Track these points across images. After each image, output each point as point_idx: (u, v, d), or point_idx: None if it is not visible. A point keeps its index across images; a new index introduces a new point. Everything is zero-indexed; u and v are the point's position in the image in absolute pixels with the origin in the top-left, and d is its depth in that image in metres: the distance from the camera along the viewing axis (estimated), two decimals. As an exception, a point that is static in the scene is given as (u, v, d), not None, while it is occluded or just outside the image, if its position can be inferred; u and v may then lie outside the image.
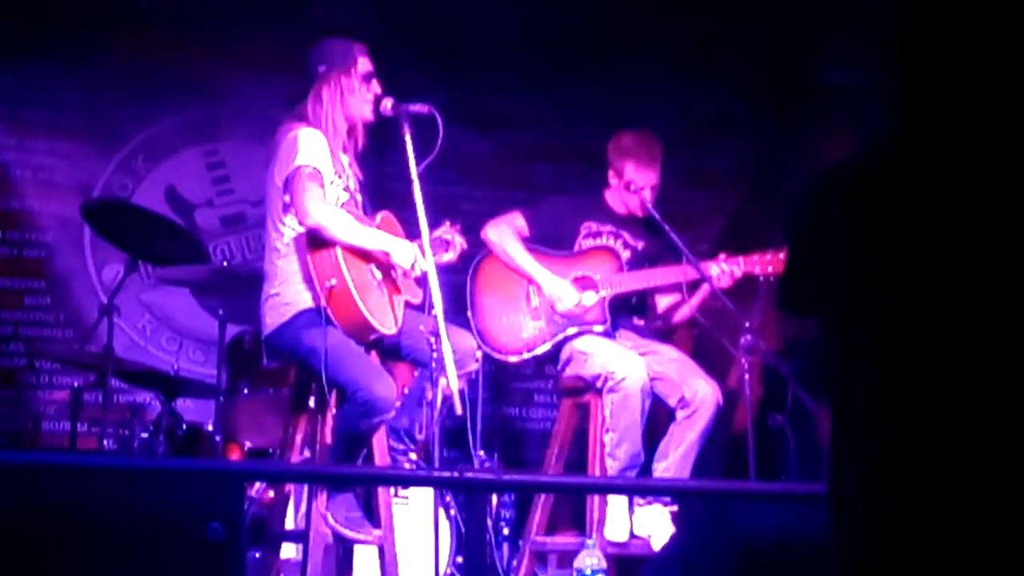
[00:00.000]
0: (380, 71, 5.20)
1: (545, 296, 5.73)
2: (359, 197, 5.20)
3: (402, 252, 5.01)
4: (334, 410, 5.05)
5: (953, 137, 2.31)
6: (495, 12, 7.60)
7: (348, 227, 4.93)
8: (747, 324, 5.50)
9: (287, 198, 4.95)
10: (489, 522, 5.67)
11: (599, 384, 5.52)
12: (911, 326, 2.28)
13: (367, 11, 6.94)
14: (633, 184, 5.81)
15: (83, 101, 7.52)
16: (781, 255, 5.54)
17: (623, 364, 5.48)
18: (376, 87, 5.15)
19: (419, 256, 4.98)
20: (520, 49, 7.74)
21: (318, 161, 4.94)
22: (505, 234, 5.85)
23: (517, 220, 5.90)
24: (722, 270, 5.65)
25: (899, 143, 2.39)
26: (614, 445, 5.48)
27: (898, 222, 2.32)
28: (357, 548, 5.38)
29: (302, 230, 4.92)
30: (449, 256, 5.28)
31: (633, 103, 7.69)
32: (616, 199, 5.94)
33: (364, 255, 4.99)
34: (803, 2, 7.22)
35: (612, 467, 5.47)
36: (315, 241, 4.89)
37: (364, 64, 5.15)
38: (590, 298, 5.72)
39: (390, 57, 5.41)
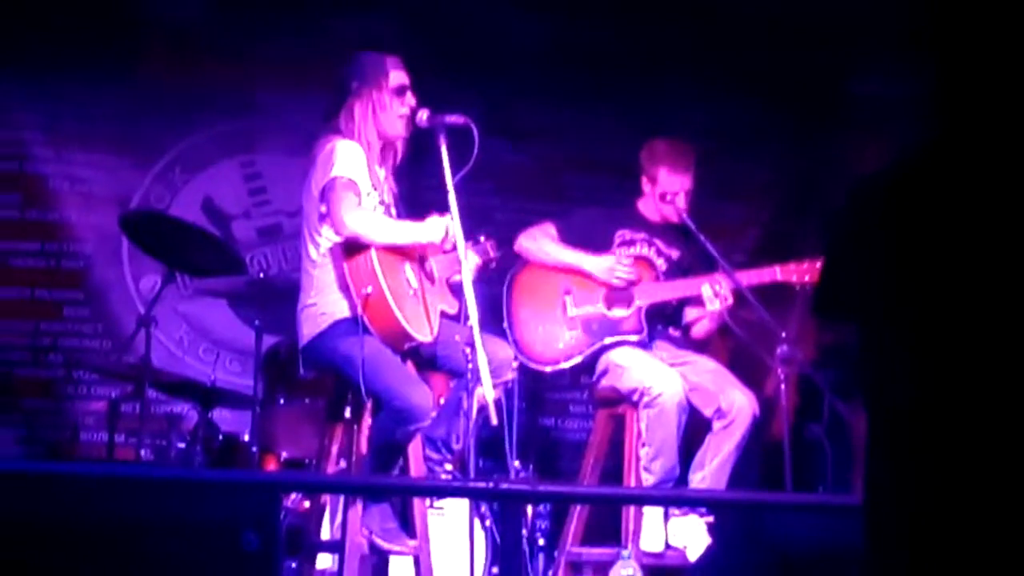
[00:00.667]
0: (414, 83, 5.21)
1: (596, 276, 5.73)
2: (394, 211, 5.22)
3: (434, 229, 5.02)
4: (370, 420, 5.06)
5: (985, 145, 2.31)
6: (529, 25, 7.61)
7: (383, 227, 4.97)
8: (783, 334, 5.49)
9: (323, 208, 4.98)
10: (524, 532, 5.67)
11: (635, 398, 5.52)
12: (947, 334, 2.28)
13: (402, 24, 6.96)
14: (667, 191, 5.81)
15: (120, 113, 7.55)
16: (817, 264, 5.52)
17: (659, 379, 5.47)
18: (411, 100, 5.15)
19: (451, 228, 4.98)
20: (553, 61, 7.75)
21: (354, 172, 4.96)
22: (540, 238, 5.87)
23: (550, 229, 5.91)
24: (715, 291, 5.62)
25: (932, 151, 2.39)
26: (650, 459, 5.47)
27: (932, 230, 2.32)
28: (393, 559, 5.38)
29: (338, 240, 4.94)
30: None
31: (665, 115, 7.68)
32: (649, 207, 5.94)
33: (400, 262, 5.01)
34: (834, 12, 7.20)
35: (648, 481, 5.47)
36: (351, 249, 4.91)
37: (396, 77, 5.16)
38: (624, 308, 5.72)
39: (424, 69, 5.42)
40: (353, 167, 4.97)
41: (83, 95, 7.51)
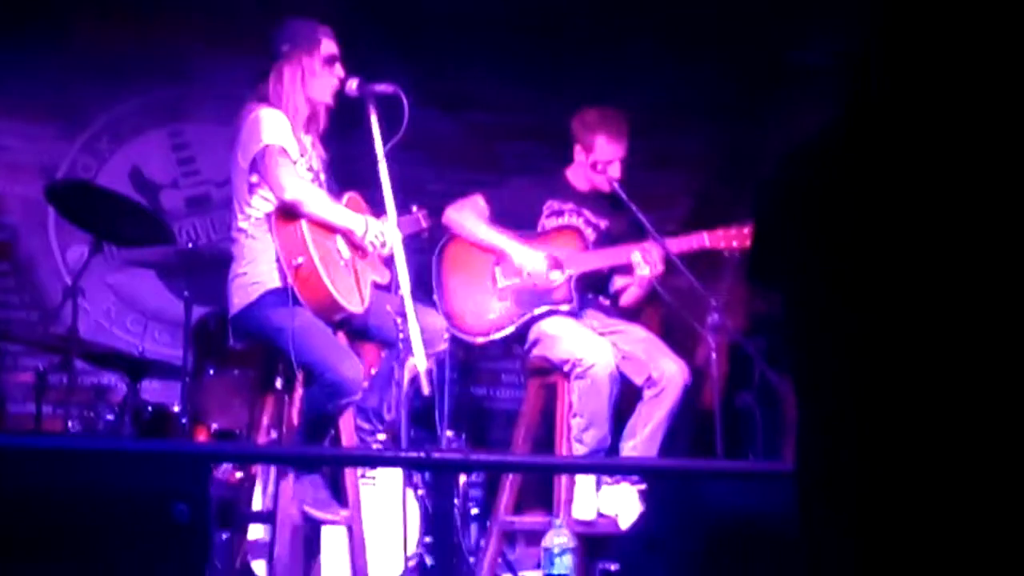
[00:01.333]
0: (346, 50, 5.18)
1: (515, 266, 5.73)
2: (323, 177, 5.20)
3: (362, 228, 5.02)
4: (301, 391, 5.05)
5: (913, 107, 2.32)
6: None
7: (320, 201, 4.96)
8: (713, 302, 5.50)
9: (254, 178, 4.95)
10: (457, 502, 5.67)
11: (566, 368, 5.52)
12: (874, 300, 2.29)
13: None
14: (600, 160, 5.82)
15: (47, 82, 7.45)
16: (746, 230, 5.54)
17: (591, 350, 5.48)
18: (339, 71, 5.14)
19: (382, 231, 4.98)
20: (487, 28, 7.72)
21: (282, 139, 4.94)
22: (467, 214, 5.86)
23: (478, 202, 5.91)
24: (645, 258, 5.64)
25: (863, 114, 2.40)
26: (581, 430, 5.48)
27: (862, 193, 2.32)
28: (325, 528, 5.37)
29: (269, 209, 4.93)
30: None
31: (600, 83, 7.67)
32: (579, 176, 5.95)
33: (330, 232, 4.99)
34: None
35: (579, 451, 5.48)
36: (282, 220, 4.88)
37: (328, 46, 5.14)
38: (556, 277, 5.73)
39: (356, 37, 5.40)
40: (280, 134, 4.95)
41: (9, 63, 7.41)
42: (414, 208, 5.43)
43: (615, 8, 7.66)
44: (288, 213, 4.88)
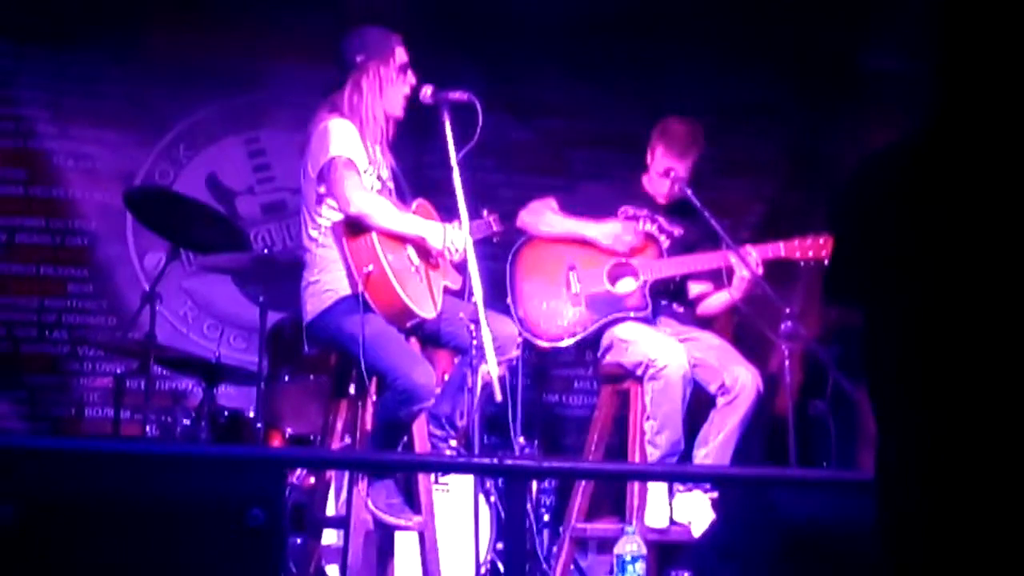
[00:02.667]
0: (418, 59, 5.21)
1: (601, 242, 5.72)
2: (391, 186, 5.22)
3: (437, 235, 5.03)
4: (374, 397, 5.07)
5: (993, 125, 2.30)
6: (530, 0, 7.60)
7: (388, 213, 4.97)
8: (787, 310, 5.48)
9: (322, 189, 4.99)
10: (529, 508, 5.68)
11: (639, 372, 5.51)
12: (952, 317, 2.27)
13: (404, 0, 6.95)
14: (674, 169, 5.81)
15: (125, 89, 7.55)
16: (821, 240, 5.53)
17: (664, 352, 5.47)
18: (411, 78, 5.16)
19: (455, 238, 4.99)
20: (558, 36, 7.72)
21: (351, 150, 4.96)
22: (541, 211, 5.87)
23: (551, 203, 5.91)
24: (759, 256, 5.63)
25: (940, 132, 2.38)
26: (655, 433, 5.47)
27: (938, 212, 2.31)
28: (398, 534, 5.40)
29: (338, 218, 4.95)
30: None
31: (671, 90, 7.66)
32: (654, 183, 5.94)
33: (401, 240, 5.01)
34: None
35: (653, 454, 5.47)
36: (352, 228, 4.91)
37: (400, 55, 5.17)
38: (629, 284, 5.73)
39: (428, 45, 5.42)
40: (349, 145, 4.97)
41: (88, 71, 7.52)
42: (485, 212, 5.43)
43: (685, 13, 7.64)
44: (359, 223, 4.91)
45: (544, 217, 5.86)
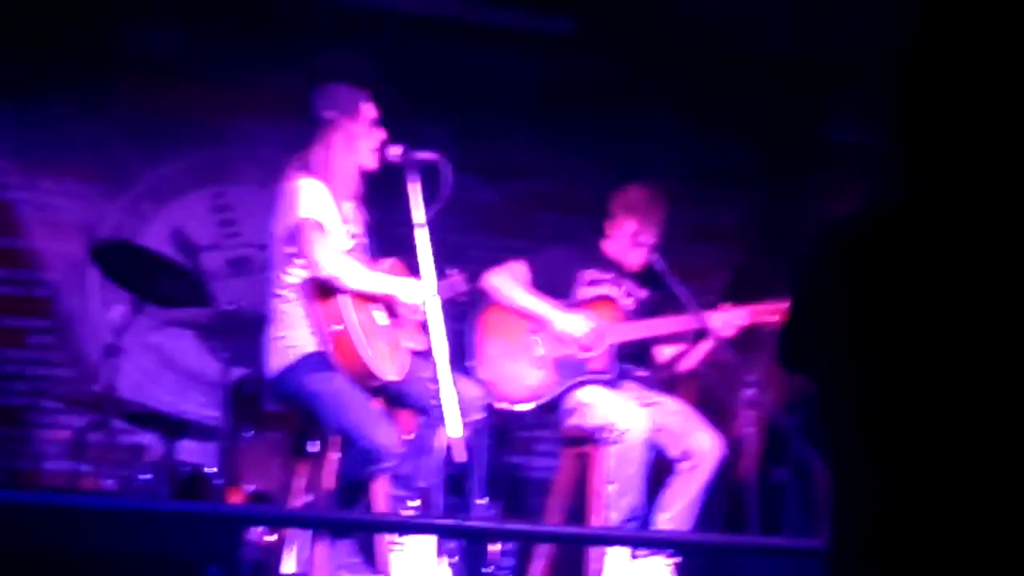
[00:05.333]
0: (389, 119, 5.22)
1: (556, 332, 5.73)
2: (365, 240, 5.22)
3: (410, 291, 5.03)
4: (336, 455, 5.05)
5: (957, 200, 2.32)
6: (502, 63, 7.65)
7: (358, 275, 4.97)
8: (750, 377, 5.50)
9: (291, 249, 4.98)
10: (489, 570, 5.65)
11: (601, 436, 5.51)
12: (906, 388, 2.28)
13: (375, 59, 6.98)
14: (639, 235, 5.83)
15: (91, 141, 7.53)
16: (784, 306, 5.54)
17: (626, 416, 5.48)
18: (380, 133, 5.18)
19: (427, 294, 4.99)
20: (527, 100, 7.78)
21: (320, 212, 4.96)
22: (507, 280, 5.87)
23: (519, 268, 5.91)
24: (725, 320, 5.66)
25: (902, 202, 2.40)
26: (616, 496, 5.47)
27: (896, 283, 2.32)
28: (356, 594, 5.36)
29: (306, 275, 4.94)
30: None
31: (639, 155, 7.72)
32: (621, 252, 5.95)
33: (369, 300, 5.01)
34: (812, 57, 7.25)
35: (613, 519, 5.46)
36: (321, 287, 4.91)
37: (369, 110, 5.19)
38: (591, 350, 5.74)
39: (397, 106, 5.43)
40: (318, 206, 4.97)
41: (55, 123, 7.50)
42: (453, 272, 5.44)
43: (653, 82, 7.71)
44: (330, 284, 4.91)
45: (510, 287, 5.85)
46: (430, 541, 5.44)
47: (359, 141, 5.14)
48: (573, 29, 7.75)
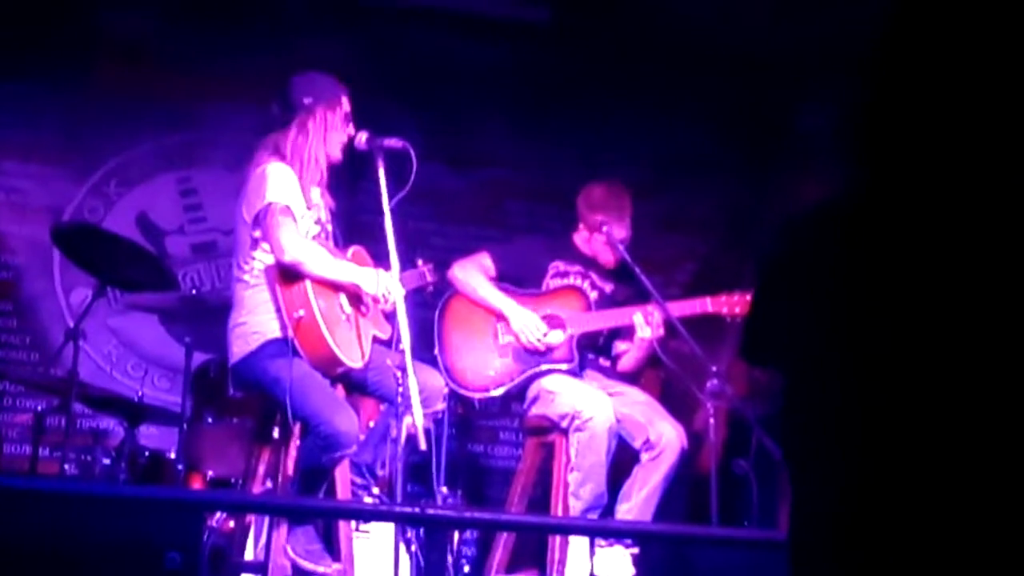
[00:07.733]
0: (358, 106, 5.21)
1: (513, 329, 5.74)
2: (330, 228, 5.21)
3: (371, 281, 5.02)
4: (297, 442, 5.04)
5: (917, 194, 2.32)
6: (473, 52, 7.64)
7: (322, 261, 4.95)
8: (714, 368, 5.50)
9: (257, 233, 4.96)
10: (450, 559, 5.65)
11: (565, 424, 5.52)
12: (866, 383, 2.28)
13: (346, 46, 6.95)
14: (610, 232, 5.81)
15: (58, 124, 7.49)
16: (748, 297, 5.56)
17: (590, 404, 5.48)
18: (351, 129, 5.16)
19: (389, 284, 4.98)
20: (497, 89, 7.77)
21: (288, 197, 4.95)
22: (471, 272, 5.87)
23: (484, 260, 5.92)
24: (647, 319, 5.65)
25: (863, 195, 2.40)
26: (578, 484, 5.47)
27: (855, 277, 2.32)
28: (317, 581, 5.35)
29: (271, 261, 4.93)
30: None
31: (608, 145, 7.72)
32: (585, 243, 5.95)
33: (334, 287, 5.00)
34: (781, 47, 7.26)
35: (575, 507, 5.46)
36: (285, 272, 4.89)
37: (346, 104, 5.18)
38: (557, 336, 5.74)
39: (368, 93, 5.42)
40: (286, 191, 4.95)
41: (23, 105, 7.46)
42: (419, 262, 5.44)
43: (622, 72, 7.71)
44: (294, 270, 4.89)
45: (473, 279, 5.85)
46: (390, 528, 5.45)
47: (332, 132, 5.13)
48: (548, 19, 7.75)
